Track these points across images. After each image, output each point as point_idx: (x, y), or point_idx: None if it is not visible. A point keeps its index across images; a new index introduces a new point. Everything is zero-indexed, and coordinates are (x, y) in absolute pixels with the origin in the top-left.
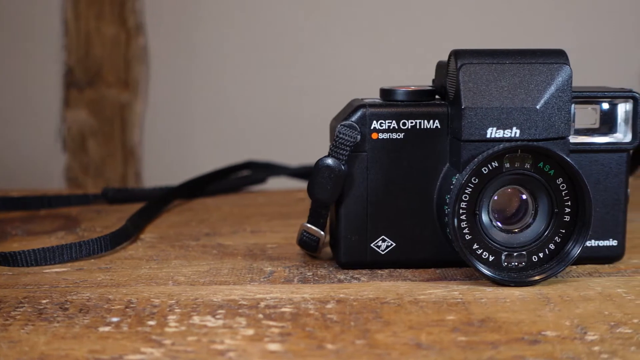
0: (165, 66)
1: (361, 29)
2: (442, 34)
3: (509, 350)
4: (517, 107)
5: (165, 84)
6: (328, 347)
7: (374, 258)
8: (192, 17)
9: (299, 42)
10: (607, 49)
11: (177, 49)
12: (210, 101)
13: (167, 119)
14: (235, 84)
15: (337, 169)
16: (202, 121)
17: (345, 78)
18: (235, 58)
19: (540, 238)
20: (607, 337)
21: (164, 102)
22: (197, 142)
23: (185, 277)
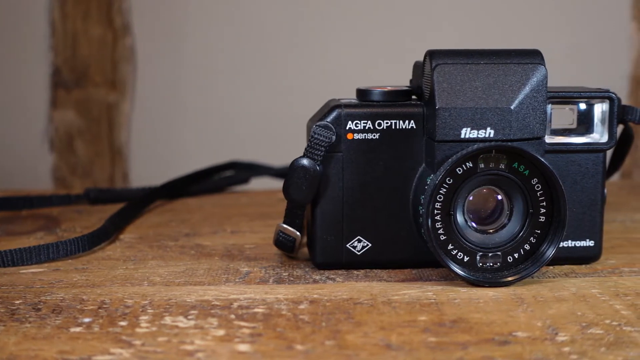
0: (152, 66)
1: (346, 30)
2: (427, 34)
3: (478, 351)
4: (491, 107)
5: (152, 84)
6: (297, 348)
7: (350, 258)
8: (178, 17)
9: (285, 43)
10: (594, 50)
11: (164, 49)
12: (197, 101)
13: (154, 119)
14: (222, 84)
15: (312, 170)
16: (189, 121)
17: (330, 79)
18: (222, 58)
19: (515, 239)
20: (578, 337)
21: (151, 102)
22: (185, 142)
23: (160, 277)
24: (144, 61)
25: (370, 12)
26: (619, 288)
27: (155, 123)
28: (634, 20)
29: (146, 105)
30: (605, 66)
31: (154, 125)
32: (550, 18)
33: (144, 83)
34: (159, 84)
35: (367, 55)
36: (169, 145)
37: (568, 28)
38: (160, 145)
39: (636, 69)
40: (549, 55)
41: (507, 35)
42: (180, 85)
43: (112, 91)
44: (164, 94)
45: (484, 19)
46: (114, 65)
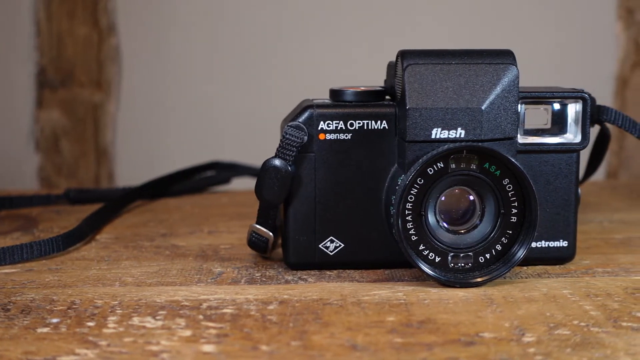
0: (138, 66)
1: (327, 31)
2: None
3: (443, 351)
4: (462, 107)
5: (138, 84)
6: (262, 349)
7: (322, 259)
8: (164, 17)
9: (269, 44)
10: (580, 49)
11: (149, 49)
12: (182, 101)
13: (140, 119)
14: (207, 84)
15: (284, 170)
16: (174, 121)
17: (314, 79)
18: (207, 58)
19: (486, 239)
20: (545, 338)
21: (136, 102)
22: (170, 142)
23: (133, 278)
24: (129, 61)
25: (352, 12)
26: (590, 289)
27: (140, 123)
28: (620, 19)
29: (131, 105)
30: (591, 66)
31: (139, 125)
32: (535, 18)
33: (129, 83)
34: (144, 84)
35: (348, 56)
36: (154, 145)
37: (554, 28)
38: (145, 145)
39: (622, 68)
40: (535, 54)
41: (492, 35)
42: (165, 86)
43: (97, 91)
44: (149, 94)
45: (468, 19)
46: (99, 65)
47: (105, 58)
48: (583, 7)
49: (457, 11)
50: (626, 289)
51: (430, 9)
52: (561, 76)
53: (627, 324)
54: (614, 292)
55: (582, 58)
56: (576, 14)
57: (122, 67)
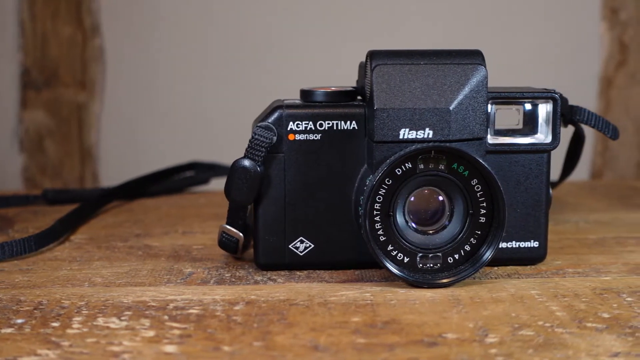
0: (122, 66)
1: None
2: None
3: (404, 352)
4: (430, 108)
5: (122, 84)
6: (224, 349)
7: (292, 259)
8: (147, 17)
9: (252, 44)
10: (564, 50)
11: (133, 50)
12: (166, 101)
13: (124, 119)
14: (191, 84)
15: (253, 170)
16: (158, 121)
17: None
18: (190, 59)
19: (455, 240)
20: (507, 339)
21: (120, 103)
22: (154, 142)
23: (102, 278)
24: (113, 61)
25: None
26: (558, 289)
27: (124, 123)
28: (604, 19)
29: (116, 106)
30: (576, 66)
31: (123, 125)
32: (519, 18)
33: (113, 83)
34: (128, 85)
35: (330, 56)
36: (138, 145)
37: (538, 28)
38: (130, 145)
39: (606, 68)
40: (519, 54)
41: (475, 35)
42: (149, 86)
43: (81, 91)
44: (133, 94)
45: (452, 19)
46: (83, 66)
47: (90, 58)
48: (567, 7)
49: (441, 12)
50: (594, 290)
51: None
52: (545, 76)
53: (592, 325)
54: (582, 293)
55: (566, 58)
56: (560, 14)
57: (106, 67)
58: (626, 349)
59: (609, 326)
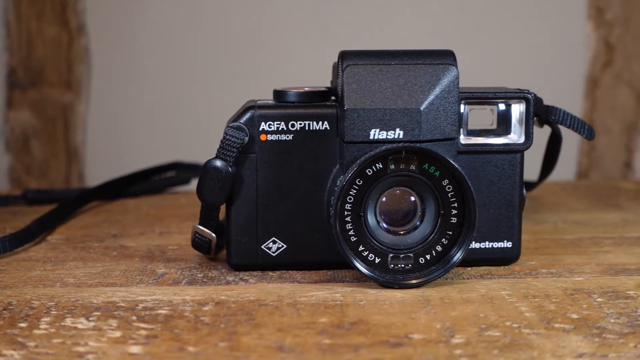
0: (107, 67)
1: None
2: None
3: (369, 353)
4: (400, 108)
5: (107, 84)
6: (189, 350)
7: (265, 260)
8: (133, 18)
9: (237, 44)
10: (550, 49)
11: (119, 50)
12: (152, 101)
13: (110, 119)
14: (176, 84)
15: (225, 171)
16: (144, 121)
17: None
18: (176, 59)
19: (426, 240)
20: (473, 340)
21: (106, 103)
22: (140, 142)
23: (75, 278)
24: (99, 61)
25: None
26: (529, 290)
27: (110, 123)
28: (590, 19)
29: (101, 106)
30: (562, 66)
31: (109, 125)
32: (505, 17)
33: (99, 83)
34: (114, 85)
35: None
36: (124, 145)
37: (524, 27)
38: (115, 145)
39: (592, 68)
40: (505, 54)
41: (460, 35)
42: (134, 86)
43: (67, 91)
44: (118, 94)
45: (439, 19)
46: (69, 66)
47: (75, 58)
48: (553, 6)
49: (428, 12)
50: (565, 290)
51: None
52: (531, 76)
53: (560, 326)
54: (553, 293)
55: (552, 58)
56: (546, 14)
57: (91, 68)
58: (592, 350)
59: (576, 327)
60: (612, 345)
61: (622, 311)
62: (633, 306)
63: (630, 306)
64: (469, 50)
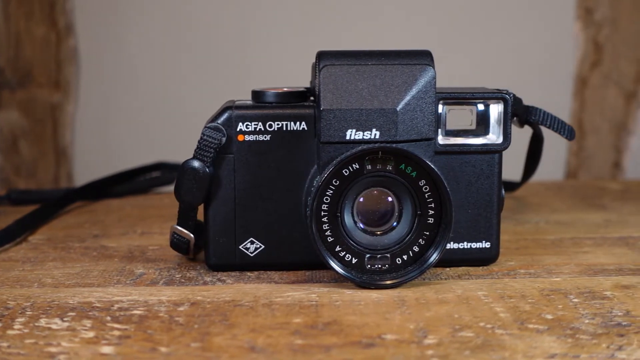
0: (95, 67)
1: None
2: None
3: (340, 353)
4: (377, 108)
5: (96, 85)
6: (161, 350)
7: (243, 260)
8: (121, 18)
9: (224, 45)
10: (539, 49)
11: (107, 50)
12: (140, 101)
13: (98, 119)
14: (165, 84)
15: (202, 171)
16: (133, 121)
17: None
18: (164, 59)
19: (403, 241)
20: (446, 341)
21: (94, 103)
22: (129, 143)
23: (52, 279)
24: (87, 62)
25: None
26: (506, 290)
27: (99, 123)
28: (578, 19)
29: (90, 106)
30: (550, 66)
31: (98, 125)
32: (493, 17)
33: (88, 83)
34: (102, 85)
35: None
36: (113, 145)
37: (512, 27)
38: (104, 145)
39: (581, 68)
40: (493, 54)
41: (448, 35)
42: (123, 86)
43: (56, 92)
44: (107, 94)
45: (426, 19)
46: (57, 66)
47: (64, 58)
48: (541, 6)
49: (417, 11)
50: (542, 291)
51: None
52: (520, 76)
53: (534, 326)
54: (529, 294)
55: (541, 58)
56: (535, 14)
57: (80, 68)
58: (564, 351)
59: (550, 327)
60: (585, 346)
61: (597, 312)
62: (608, 307)
63: (606, 307)
64: (458, 51)
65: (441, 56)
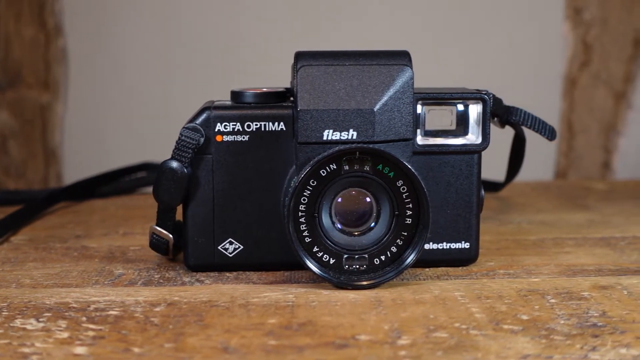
0: (84, 67)
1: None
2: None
3: (312, 354)
4: (354, 109)
5: (85, 85)
6: (134, 351)
7: (222, 260)
8: (110, 18)
9: (215, 45)
10: (528, 49)
11: (96, 50)
12: (129, 101)
13: (88, 119)
14: (154, 84)
15: (180, 172)
16: (122, 122)
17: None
18: (153, 59)
19: (381, 241)
20: (420, 341)
21: (83, 103)
22: (118, 143)
23: (31, 279)
24: (76, 62)
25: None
26: (483, 291)
27: (88, 124)
28: (567, 19)
29: (79, 107)
30: (539, 66)
31: (87, 126)
32: (482, 18)
33: (77, 84)
34: (92, 85)
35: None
36: (102, 146)
37: (501, 27)
38: (93, 146)
39: (570, 68)
40: (483, 54)
41: (440, 36)
42: (112, 87)
43: (45, 92)
44: (96, 94)
45: (415, 19)
46: (47, 67)
47: (53, 59)
48: (530, 6)
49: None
50: (520, 291)
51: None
52: (509, 76)
53: (508, 327)
54: (507, 295)
55: (530, 58)
56: (524, 14)
57: (69, 68)
58: (537, 351)
59: (525, 328)
60: (558, 347)
61: (574, 312)
62: (585, 307)
63: (582, 307)
64: (447, 51)
65: (430, 56)
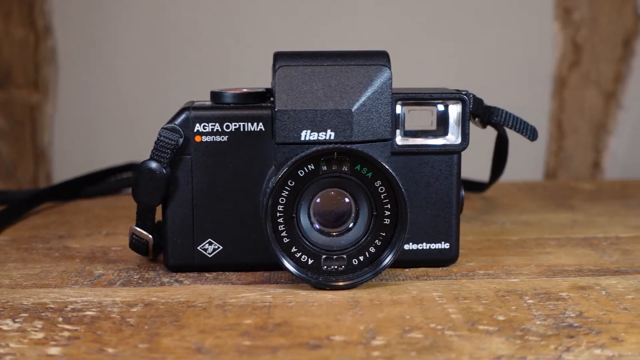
0: (74, 68)
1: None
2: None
3: (286, 355)
4: (332, 109)
5: (74, 85)
6: (108, 351)
7: (201, 261)
8: (99, 19)
9: (205, 46)
10: (518, 49)
11: (85, 51)
12: (119, 102)
13: (77, 120)
14: (143, 85)
15: (159, 172)
16: (111, 122)
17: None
18: (143, 59)
19: (359, 241)
20: (394, 342)
21: (73, 104)
22: (108, 143)
23: (10, 280)
24: (66, 62)
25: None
26: (461, 291)
27: (78, 124)
28: (557, 19)
29: (69, 107)
30: (529, 66)
31: (76, 126)
32: (472, 18)
33: (66, 84)
34: (81, 85)
35: None
36: (92, 146)
37: (490, 28)
38: (83, 146)
39: (560, 68)
40: (472, 55)
41: (428, 35)
42: (101, 87)
43: (34, 92)
44: (86, 95)
45: (405, 19)
46: (36, 67)
47: (42, 59)
48: (520, 6)
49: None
50: (498, 292)
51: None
52: (498, 76)
53: (484, 327)
54: (484, 295)
55: (519, 58)
56: (513, 14)
57: (58, 69)
58: (511, 352)
59: (500, 329)
60: (533, 347)
61: (550, 313)
62: (562, 308)
63: (559, 308)
64: (436, 51)
65: (419, 57)
